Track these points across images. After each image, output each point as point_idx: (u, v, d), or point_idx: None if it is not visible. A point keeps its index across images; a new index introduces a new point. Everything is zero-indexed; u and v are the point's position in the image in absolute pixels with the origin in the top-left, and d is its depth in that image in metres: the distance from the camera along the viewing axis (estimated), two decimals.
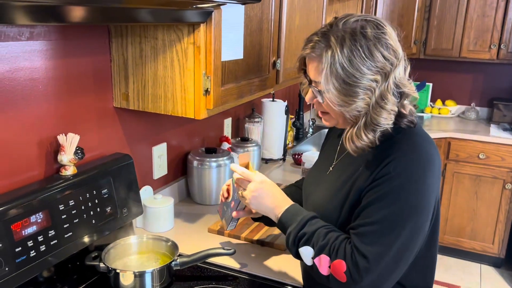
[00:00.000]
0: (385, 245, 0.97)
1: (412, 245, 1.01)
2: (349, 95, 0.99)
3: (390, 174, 0.99)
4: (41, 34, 1.17)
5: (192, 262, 1.29)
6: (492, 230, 3.32)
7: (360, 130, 1.00)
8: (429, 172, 1.00)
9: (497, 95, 3.73)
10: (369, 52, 0.96)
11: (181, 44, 1.28)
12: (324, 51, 0.99)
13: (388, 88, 0.98)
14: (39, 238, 1.12)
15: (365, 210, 1.02)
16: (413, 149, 1.02)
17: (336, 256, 1.01)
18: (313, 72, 1.04)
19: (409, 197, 0.98)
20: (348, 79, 0.97)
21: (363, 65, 0.96)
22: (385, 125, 1.00)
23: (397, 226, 0.98)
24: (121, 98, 1.43)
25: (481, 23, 3.35)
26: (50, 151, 1.25)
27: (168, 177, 1.80)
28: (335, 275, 1.01)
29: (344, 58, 0.97)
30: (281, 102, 2.38)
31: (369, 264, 0.97)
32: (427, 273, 1.15)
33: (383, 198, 0.99)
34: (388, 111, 0.99)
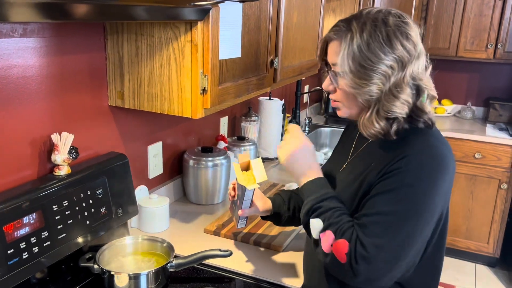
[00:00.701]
0: (385, 238, 0.97)
1: (412, 244, 0.99)
2: (363, 78, 1.00)
3: (401, 169, 0.98)
4: (35, 31, 1.14)
5: (188, 263, 1.27)
6: (487, 229, 3.32)
7: (371, 116, 1.02)
8: (440, 174, 0.99)
9: (493, 94, 3.73)
10: (388, 39, 0.98)
11: (178, 42, 1.26)
12: (344, 34, 1.02)
13: (404, 78, 0.99)
14: (32, 240, 1.10)
15: (370, 200, 1.01)
16: (428, 149, 1.01)
17: (342, 236, 1.00)
18: (332, 55, 1.06)
19: (415, 196, 0.98)
20: (364, 62, 0.99)
21: (380, 50, 0.98)
22: (397, 114, 1.00)
23: (399, 222, 0.97)
24: (116, 97, 1.40)
25: (478, 22, 3.34)
26: (44, 151, 1.23)
27: (164, 177, 1.78)
28: (335, 254, 1.00)
29: (362, 41, 0.99)
30: (278, 101, 2.36)
31: (367, 253, 0.96)
32: (432, 277, 1.14)
33: (390, 192, 0.99)
34: (401, 101, 1.00)
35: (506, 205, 3.23)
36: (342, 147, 1.29)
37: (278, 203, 1.37)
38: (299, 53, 1.96)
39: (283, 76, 1.82)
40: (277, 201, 1.37)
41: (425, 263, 1.09)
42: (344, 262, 0.98)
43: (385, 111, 1.00)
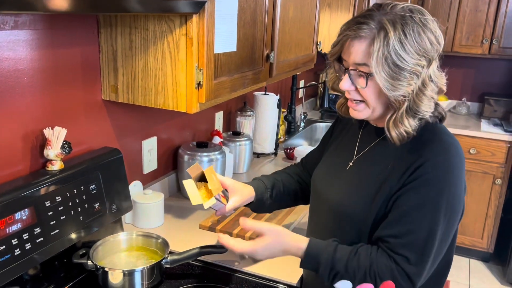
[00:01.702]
0: (432, 249, 1.00)
1: (446, 245, 1.05)
2: (397, 79, 0.98)
3: (427, 175, 0.99)
4: (26, 23, 1.12)
5: (183, 260, 1.25)
6: (481, 225, 3.33)
7: (402, 116, 1.00)
8: (462, 170, 1.02)
9: (488, 90, 3.74)
10: (419, 36, 0.97)
11: (172, 35, 1.24)
12: (376, 32, 0.98)
13: (430, 74, 1.00)
14: (24, 236, 1.08)
15: (407, 216, 1.01)
16: (446, 149, 1.02)
17: (381, 280, 1.00)
18: (360, 54, 1.01)
19: (449, 199, 1.00)
20: (399, 62, 0.97)
21: (412, 48, 0.97)
22: (425, 112, 1.01)
23: (439, 230, 1.00)
24: (110, 91, 1.38)
25: (474, 17, 3.34)
26: (36, 146, 1.21)
27: (158, 172, 1.76)
28: None
29: (396, 40, 0.96)
30: (273, 96, 2.34)
31: (421, 272, 1.00)
32: (444, 271, 1.15)
33: (426, 204, 0.99)
34: (429, 97, 1.00)
35: (500, 201, 3.24)
36: (342, 143, 1.26)
37: (260, 190, 1.31)
38: (295, 47, 1.95)
39: (279, 70, 1.81)
40: (260, 188, 1.31)
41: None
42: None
43: (415, 109, 1.00)
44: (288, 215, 1.68)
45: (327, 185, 1.20)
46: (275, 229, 1.10)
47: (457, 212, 1.03)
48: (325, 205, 1.18)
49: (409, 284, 1.00)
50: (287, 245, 1.09)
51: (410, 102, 1.00)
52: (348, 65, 1.05)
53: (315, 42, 2.21)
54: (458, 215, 1.04)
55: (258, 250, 1.10)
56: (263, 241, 1.09)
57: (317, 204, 1.25)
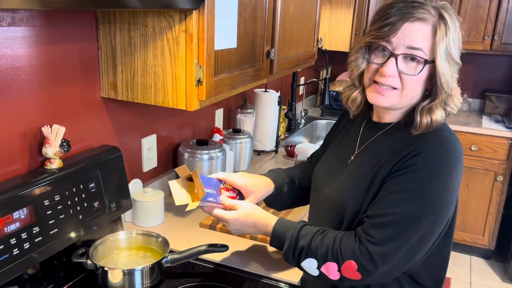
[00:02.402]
0: (404, 237, 0.97)
1: (429, 239, 1.01)
2: (452, 71, 1.02)
3: (417, 165, 0.97)
4: (24, 20, 1.10)
5: (184, 259, 1.24)
6: (483, 222, 3.32)
7: (437, 106, 1.02)
8: (455, 168, 0.99)
9: (489, 86, 3.72)
10: (460, 30, 1.03)
11: (172, 32, 1.22)
12: (438, 22, 0.99)
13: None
14: (23, 236, 1.06)
15: (386, 199, 1.00)
16: (442, 143, 1.00)
17: (343, 259, 1.00)
18: (418, 38, 1.00)
19: (434, 193, 0.98)
20: (455, 56, 1.02)
21: (459, 40, 1.02)
22: (456, 105, 1.04)
23: (418, 220, 0.97)
24: (109, 88, 1.37)
25: (475, 13, 3.32)
26: (34, 144, 1.19)
27: (158, 170, 1.75)
28: (348, 276, 1.00)
29: (454, 34, 1.00)
30: (273, 93, 2.33)
31: (385, 254, 0.97)
32: (440, 269, 1.14)
33: (408, 191, 0.98)
34: (456, 89, 1.04)
35: (501, 197, 3.23)
36: (345, 138, 1.25)
37: (279, 182, 1.32)
38: (295, 44, 1.93)
39: (280, 67, 1.79)
40: (278, 180, 1.32)
41: (435, 254, 1.08)
42: (360, 277, 0.99)
43: (449, 102, 1.03)
44: (289, 213, 1.67)
45: (327, 181, 1.19)
46: (248, 204, 1.16)
47: (444, 208, 0.99)
48: (324, 201, 1.17)
49: (370, 264, 0.97)
50: (257, 220, 1.13)
51: (445, 93, 1.02)
52: (394, 49, 1.01)
53: (315, 39, 2.20)
54: (446, 211, 1.01)
55: (230, 220, 1.14)
56: (235, 213, 1.13)
57: (316, 201, 1.24)
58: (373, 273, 0.98)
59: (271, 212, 1.33)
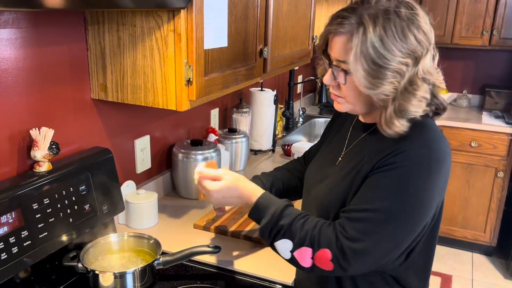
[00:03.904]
0: (377, 234, 0.95)
1: (404, 240, 0.98)
2: (377, 77, 0.93)
3: (397, 164, 0.94)
4: (9, 22, 1.09)
5: (176, 261, 1.23)
6: (484, 218, 3.30)
7: (391, 118, 0.95)
8: (438, 169, 0.95)
9: (489, 82, 3.69)
10: (402, 33, 0.91)
11: (160, 31, 1.21)
12: (355, 28, 0.93)
13: (418, 73, 0.94)
14: (11, 240, 1.05)
15: (363, 195, 0.98)
16: (426, 144, 0.96)
17: (319, 246, 0.97)
18: (339, 51, 0.98)
19: (412, 194, 0.94)
20: (378, 60, 0.92)
21: (394, 46, 0.91)
22: (415, 112, 0.95)
23: (393, 219, 0.94)
24: (99, 89, 1.35)
25: (474, 8, 3.29)
26: (23, 147, 1.18)
27: (152, 171, 1.73)
28: (319, 265, 0.98)
29: (376, 37, 0.91)
30: (269, 92, 2.31)
31: (358, 251, 0.95)
32: (425, 269, 1.11)
33: (385, 189, 0.95)
34: (418, 98, 0.94)
35: (502, 194, 3.21)
36: (335, 138, 1.24)
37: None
38: (290, 42, 1.92)
39: (274, 66, 1.78)
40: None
41: (418, 256, 1.06)
42: (331, 268, 0.97)
43: (402, 110, 0.94)
44: None
45: (317, 181, 1.17)
46: (233, 174, 1.13)
47: (421, 210, 0.95)
48: (313, 201, 1.16)
49: (343, 259, 0.96)
50: (242, 190, 1.11)
51: (396, 102, 0.94)
52: (332, 60, 1.01)
53: (311, 37, 2.18)
54: (423, 213, 0.96)
55: (212, 193, 1.13)
56: (219, 184, 1.12)
57: (306, 201, 1.23)
58: (345, 267, 0.96)
59: None
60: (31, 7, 0.81)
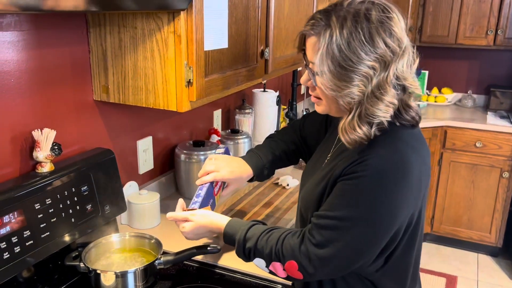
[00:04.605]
0: (342, 242, 0.96)
1: (367, 250, 0.97)
2: (343, 80, 0.92)
3: (357, 173, 0.94)
4: (11, 25, 1.11)
5: (177, 260, 1.24)
6: (489, 219, 3.28)
7: (353, 121, 0.93)
8: (402, 182, 0.93)
9: (494, 82, 3.67)
10: (370, 37, 0.90)
11: (161, 33, 1.22)
12: (323, 30, 0.93)
13: (387, 79, 0.91)
14: (13, 239, 1.07)
15: (329, 201, 1.00)
16: (389, 153, 0.94)
17: (285, 259, 1.01)
18: (310, 52, 0.98)
19: (372, 205, 0.93)
20: (343, 63, 0.91)
21: (361, 49, 0.89)
22: (381, 117, 0.93)
23: (354, 227, 0.94)
24: (101, 91, 1.37)
25: (478, 8, 3.28)
26: (25, 148, 1.20)
27: (155, 172, 1.75)
28: (292, 275, 1.02)
29: (342, 39, 0.90)
30: (272, 92, 2.32)
31: (323, 257, 0.97)
32: (403, 277, 1.09)
33: (347, 197, 0.95)
34: (386, 103, 0.92)
35: (508, 194, 3.19)
36: (330, 137, 1.24)
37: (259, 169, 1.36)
38: (292, 43, 1.92)
39: (275, 67, 1.78)
40: (258, 167, 1.35)
41: (396, 262, 1.05)
42: (302, 277, 1.00)
43: (368, 114, 0.92)
44: (287, 212, 1.67)
45: (305, 182, 1.19)
46: (200, 213, 1.18)
47: (383, 219, 0.94)
48: (300, 200, 1.19)
49: (309, 265, 0.97)
50: (210, 226, 1.17)
51: (362, 107, 0.92)
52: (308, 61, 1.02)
53: None
54: (386, 223, 0.94)
55: (186, 235, 1.20)
56: (188, 226, 1.19)
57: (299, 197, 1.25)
58: (312, 274, 0.98)
59: None
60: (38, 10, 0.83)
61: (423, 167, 0.98)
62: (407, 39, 0.94)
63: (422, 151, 1.00)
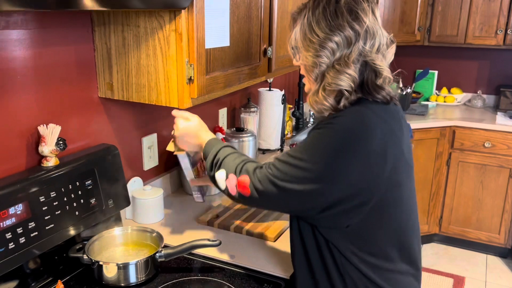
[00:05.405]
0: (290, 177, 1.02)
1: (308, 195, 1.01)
2: (310, 51, 1.07)
3: (322, 127, 1.03)
4: (18, 23, 1.15)
5: (177, 253, 1.27)
6: (498, 220, 3.26)
7: (319, 94, 1.06)
8: (359, 142, 0.99)
9: (504, 82, 3.64)
10: (336, 16, 1.04)
11: (163, 31, 1.25)
12: (301, 11, 1.11)
13: (350, 55, 1.03)
14: (18, 230, 1.11)
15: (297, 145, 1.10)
16: (353, 116, 1.02)
17: (241, 173, 1.10)
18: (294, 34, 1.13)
19: (324, 155, 1.00)
20: (311, 36, 1.06)
21: (326, 26, 1.04)
22: (341, 87, 1.03)
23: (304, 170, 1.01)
24: (106, 88, 1.41)
25: (487, 7, 3.25)
26: (32, 143, 1.24)
27: (160, 168, 1.78)
28: (241, 191, 1.09)
29: (313, 17, 1.06)
30: (278, 91, 2.34)
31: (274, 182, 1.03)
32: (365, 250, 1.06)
33: (308, 143, 1.04)
34: (346, 75, 1.03)
35: None
36: None
37: None
38: None
39: (279, 65, 1.80)
40: None
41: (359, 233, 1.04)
42: (249, 194, 1.08)
43: (330, 84, 1.04)
44: None
45: None
46: (199, 120, 1.31)
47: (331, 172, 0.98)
48: None
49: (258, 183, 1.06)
50: (200, 131, 1.27)
51: (324, 79, 1.05)
52: None
53: None
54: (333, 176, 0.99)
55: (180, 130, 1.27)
56: (184, 125, 1.27)
57: None
58: (260, 191, 1.06)
59: None
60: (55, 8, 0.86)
61: (390, 137, 1.03)
62: (378, 28, 1.06)
63: (391, 122, 1.05)
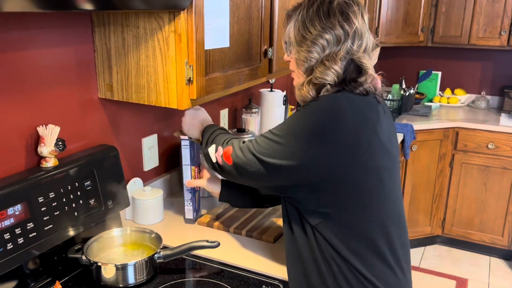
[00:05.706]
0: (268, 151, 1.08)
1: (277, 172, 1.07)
2: (302, 46, 1.13)
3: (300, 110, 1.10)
4: (18, 23, 1.15)
5: (176, 254, 1.27)
6: (502, 222, 3.24)
7: (304, 85, 1.13)
8: (330, 126, 1.03)
9: (508, 83, 3.62)
10: (328, 15, 1.10)
11: (162, 32, 1.25)
12: (296, 9, 1.17)
13: (338, 53, 1.10)
14: (17, 231, 1.11)
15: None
16: (327, 100, 1.07)
17: (227, 145, 1.20)
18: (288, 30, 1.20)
19: (295, 134, 1.05)
20: (304, 32, 1.12)
21: (319, 23, 1.11)
22: (324, 80, 1.09)
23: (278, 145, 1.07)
24: (106, 89, 1.41)
25: (491, 8, 3.23)
26: (31, 143, 1.24)
27: (160, 169, 1.78)
28: (225, 160, 1.18)
29: (307, 15, 1.13)
30: (279, 92, 2.33)
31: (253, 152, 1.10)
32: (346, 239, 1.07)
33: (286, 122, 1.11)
34: (332, 70, 1.09)
35: None
36: None
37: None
38: None
39: (280, 66, 1.80)
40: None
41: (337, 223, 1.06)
42: (231, 163, 1.16)
43: (316, 77, 1.10)
44: None
45: None
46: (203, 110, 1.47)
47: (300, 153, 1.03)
48: None
49: (240, 151, 1.14)
50: (207, 117, 1.45)
51: (313, 73, 1.11)
52: None
53: None
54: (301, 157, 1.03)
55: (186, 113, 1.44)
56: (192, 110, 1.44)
57: None
58: (240, 158, 1.13)
59: None
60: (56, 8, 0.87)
61: (363, 121, 1.06)
62: (365, 31, 1.13)
63: (365, 109, 1.08)
